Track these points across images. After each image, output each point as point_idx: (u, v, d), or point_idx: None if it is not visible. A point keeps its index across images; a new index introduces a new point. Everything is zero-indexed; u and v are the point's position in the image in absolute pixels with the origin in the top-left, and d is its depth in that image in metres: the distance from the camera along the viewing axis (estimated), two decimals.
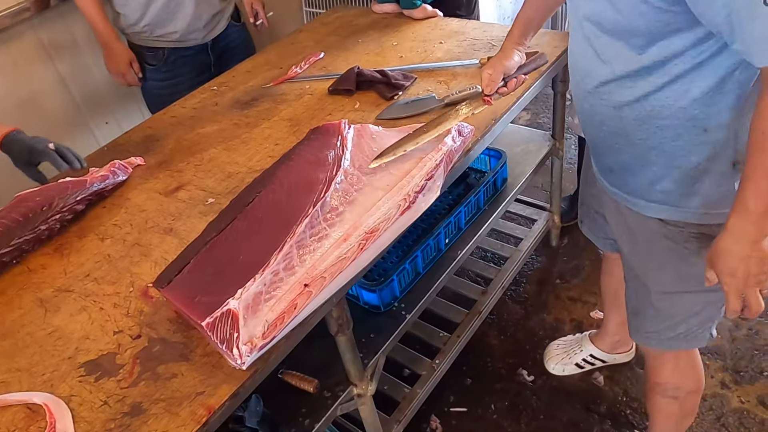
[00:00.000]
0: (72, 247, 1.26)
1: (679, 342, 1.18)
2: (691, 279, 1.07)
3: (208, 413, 0.88)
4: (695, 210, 1.01)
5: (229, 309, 0.90)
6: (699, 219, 1.02)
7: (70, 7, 1.96)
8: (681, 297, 1.12)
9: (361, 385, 1.28)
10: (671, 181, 1.01)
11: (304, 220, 1.02)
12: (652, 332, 1.20)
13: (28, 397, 0.94)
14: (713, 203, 1.00)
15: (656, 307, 1.16)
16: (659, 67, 0.91)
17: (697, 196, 0.99)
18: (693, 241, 1.05)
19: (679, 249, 1.06)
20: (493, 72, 1.17)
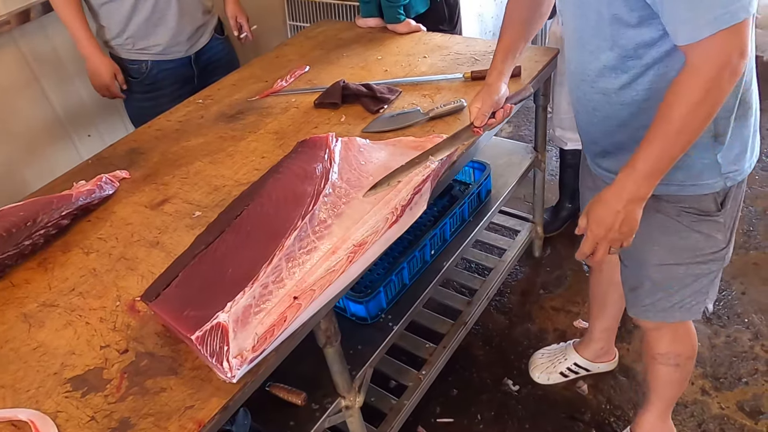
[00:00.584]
0: (56, 261, 1.25)
1: (674, 312, 1.25)
2: (684, 251, 1.16)
3: (197, 427, 0.88)
4: (680, 183, 1.07)
5: (219, 322, 0.91)
6: (683, 191, 1.08)
7: (52, 19, 1.96)
8: (676, 269, 1.18)
9: (349, 397, 1.28)
10: None
11: (292, 233, 1.02)
12: (648, 304, 1.26)
13: (12, 414, 0.93)
14: (696, 175, 1.06)
15: (652, 279, 1.22)
16: (636, 57, 0.98)
17: (681, 169, 1.04)
18: (684, 216, 1.12)
19: (672, 223, 1.13)
20: (483, 106, 1.20)
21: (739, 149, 1.06)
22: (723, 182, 1.07)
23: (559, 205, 2.29)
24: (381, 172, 1.19)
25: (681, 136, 0.92)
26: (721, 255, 1.17)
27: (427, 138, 1.29)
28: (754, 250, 2.10)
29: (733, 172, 1.07)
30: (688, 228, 1.12)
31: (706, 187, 1.07)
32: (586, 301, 2.00)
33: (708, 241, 1.14)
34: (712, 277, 1.20)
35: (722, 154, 1.04)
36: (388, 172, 1.18)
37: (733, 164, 1.06)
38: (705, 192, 1.07)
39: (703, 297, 1.22)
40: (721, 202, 1.10)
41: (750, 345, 1.78)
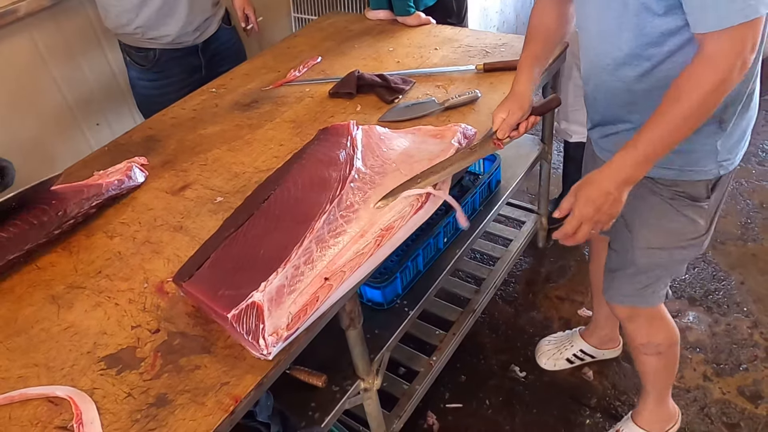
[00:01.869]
0: (80, 245, 1.26)
1: (645, 298, 1.30)
2: (670, 234, 1.20)
3: (234, 402, 0.90)
4: (679, 168, 1.10)
5: (254, 301, 0.93)
6: (681, 176, 1.11)
7: (64, 8, 1.96)
8: (659, 253, 1.22)
9: (368, 380, 1.31)
10: None
11: (322, 216, 1.05)
12: (629, 292, 1.30)
13: (50, 390, 0.95)
14: (694, 161, 1.09)
15: (637, 264, 1.25)
16: (658, 44, 1.00)
17: (681, 154, 1.07)
18: (678, 199, 1.15)
19: (665, 206, 1.16)
20: (509, 118, 1.17)
21: (737, 138, 1.10)
22: (717, 170, 1.10)
23: (562, 197, 2.33)
24: (404, 159, 1.21)
25: (687, 122, 0.94)
26: (700, 241, 1.20)
27: (447, 127, 1.32)
28: (752, 242, 2.15)
29: (727, 161, 1.10)
30: (677, 212, 1.16)
31: (702, 173, 1.10)
32: (590, 290, 2.04)
33: (691, 226, 1.17)
34: (684, 261, 1.27)
35: (722, 142, 1.07)
36: (411, 159, 1.21)
37: (728, 152, 1.10)
38: (701, 178, 1.11)
39: (668, 280, 1.29)
40: (711, 189, 1.13)
41: (749, 332, 1.84)
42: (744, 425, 1.61)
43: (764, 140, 2.63)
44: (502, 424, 1.71)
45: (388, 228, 1.06)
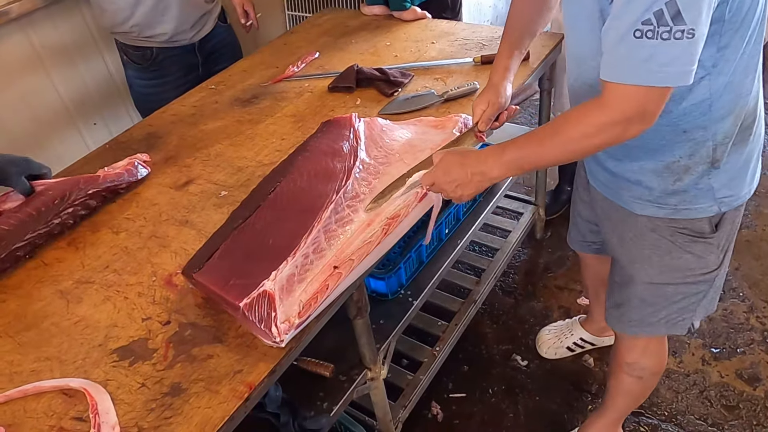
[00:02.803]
0: (86, 240, 1.27)
1: (659, 327, 1.24)
2: (676, 271, 1.15)
3: (248, 389, 0.91)
4: (674, 207, 1.07)
5: (265, 290, 0.94)
6: (677, 214, 1.08)
7: (60, 7, 1.96)
8: (665, 287, 1.18)
9: (375, 369, 1.32)
10: (657, 180, 1.05)
11: (329, 206, 1.07)
12: (635, 320, 1.25)
13: (64, 383, 0.96)
14: (689, 199, 1.05)
15: (640, 296, 1.21)
16: None
17: (675, 194, 1.05)
18: (678, 236, 1.10)
19: (666, 243, 1.12)
20: (488, 109, 1.18)
21: (734, 174, 1.04)
22: (717, 207, 1.05)
23: (558, 189, 2.36)
24: (407, 150, 1.23)
25: (559, 155, 0.93)
26: (711, 276, 1.15)
27: (447, 117, 1.33)
28: (746, 229, 2.19)
29: (729, 197, 1.05)
30: (680, 248, 1.11)
31: (699, 211, 1.06)
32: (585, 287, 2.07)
33: (699, 262, 1.13)
34: (701, 296, 1.18)
35: (716, 179, 1.03)
36: (414, 149, 1.23)
37: (727, 189, 1.04)
38: (699, 216, 1.07)
39: (690, 314, 1.21)
40: (716, 225, 1.09)
41: (746, 317, 1.87)
42: (743, 407, 1.64)
43: None
44: (505, 412, 1.73)
45: (394, 216, 1.08)
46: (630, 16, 0.78)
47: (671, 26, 0.76)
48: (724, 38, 0.87)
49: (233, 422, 0.89)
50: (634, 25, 0.78)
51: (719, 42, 0.87)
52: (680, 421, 1.63)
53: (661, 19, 0.76)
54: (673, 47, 0.78)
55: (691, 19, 0.76)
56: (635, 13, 0.78)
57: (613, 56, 0.83)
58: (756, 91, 1.00)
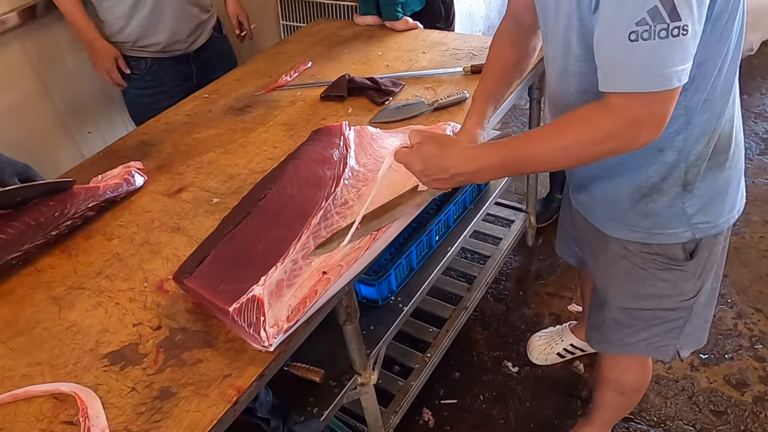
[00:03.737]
0: (79, 247, 1.28)
1: (640, 348, 1.22)
2: (650, 298, 1.13)
3: (237, 393, 0.92)
4: (647, 230, 1.05)
5: (254, 295, 0.96)
6: (650, 239, 1.06)
7: (56, 17, 1.98)
8: (640, 312, 1.17)
9: (365, 374, 1.34)
10: (630, 200, 1.04)
11: (318, 213, 1.08)
12: (614, 340, 1.24)
13: (55, 387, 0.97)
14: (662, 223, 1.04)
15: (616, 319, 1.21)
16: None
17: (650, 216, 1.04)
18: (651, 264, 1.09)
19: (638, 270, 1.11)
20: None
21: (710, 199, 1.01)
22: (691, 233, 1.03)
23: (549, 197, 2.38)
24: None
25: (560, 155, 0.87)
26: (689, 304, 1.13)
27: (436, 125, 1.36)
28: (734, 236, 2.21)
29: (704, 224, 1.03)
30: (654, 276, 1.10)
31: (672, 236, 1.04)
32: (579, 286, 2.09)
33: (675, 290, 1.11)
34: (681, 322, 1.15)
35: (690, 204, 1.01)
36: None
37: (702, 214, 1.02)
38: (672, 241, 1.04)
39: (672, 340, 1.18)
40: (690, 252, 1.06)
41: (734, 323, 1.89)
42: (731, 412, 1.65)
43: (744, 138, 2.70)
44: (496, 418, 1.74)
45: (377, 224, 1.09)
46: (623, 19, 0.76)
47: (668, 23, 0.73)
48: (703, 53, 0.85)
49: (222, 425, 0.90)
50: (629, 28, 0.75)
51: (698, 56, 0.84)
52: (669, 426, 1.64)
53: (657, 16, 0.73)
54: (671, 46, 0.75)
55: (686, 14, 0.74)
56: (628, 15, 0.75)
57: (610, 64, 0.80)
58: (731, 114, 0.99)
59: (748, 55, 3.21)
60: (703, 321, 1.20)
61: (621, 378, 1.37)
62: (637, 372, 1.36)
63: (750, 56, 3.21)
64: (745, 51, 3.19)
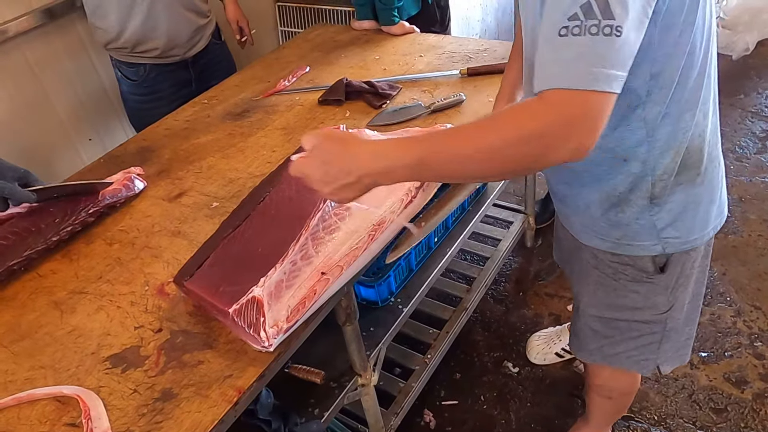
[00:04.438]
0: (80, 252, 1.29)
1: (620, 361, 1.22)
2: (623, 309, 1.13)
3: (238, 393, 0.93)
4: (616, 240, 1.05)
5: (254, 296, 0.97)
6: (618, 249, 1.06)
7: (55, 26, 2.00)
8: (616, 322, 1.17)
9: (365, 375, 1.34)
10: (600, 208, 1.03)
11: (316, 215, 1.09)
12: (593, 349, 1.25)
13: (57, 390, 0.98)
14: (632, 235, 1.03)
15: (592, 328, 1.21)
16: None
17: (619, 227, 1.03)
18: (621, 275, 1.09)
19: (609, 281, 1.11)
20: None
21: (679, 214, 0.99)
22: (661, 247, 1.02)
23: (547, 198, 2.39)
24: None
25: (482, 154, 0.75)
26: (662, 318, 1.12)
27: (433, 128, 1.37)
28: (732, 235, 2.22)
29: (674, 239, 1.01)
30: (624, 287, 1.10)
31: (641, 248, 1.03)
32: None
33: (647, 302, 1.10)
34: (658, 337, 1.14)
35: (658, 217, 0.99)
36: None
37: (672, 229, 1.00)
38: (641, 253, 1.04)
39: (651, 354, 1.18)
40: (661, 267, 1.05)
41: (733, 321, 1.90)
42: (731, 409, 1.66)
43: (741, 137, 2.72)
44: (497, 418, 1.74)
45: (380, 223, 1.11)
46: (557, 14, 0.72)
47: (599, 20, 0.69)
48: (657, 65, 0.84)
49: (223, 425, 0.91)
50: (561, 23, 0.71)
51: (651, 68, 0.84)
52: (669, 424, 1.65)
53: (589, 12, 0.70)
54: (601, 44, 0.70)
55: (620, 14, 0.69)
56: (562, 10, 0.71)
57: (541, 62, 0.74)
58: (701, 129, 0.95)
59: (743, 55, 3.23)
60: (685, 338, 1.20)
61: (606, 384, 1.37)
62: (623, 379, 1.36)
63: (746, 56, 3.23)
64: (740, 51, 3.21)
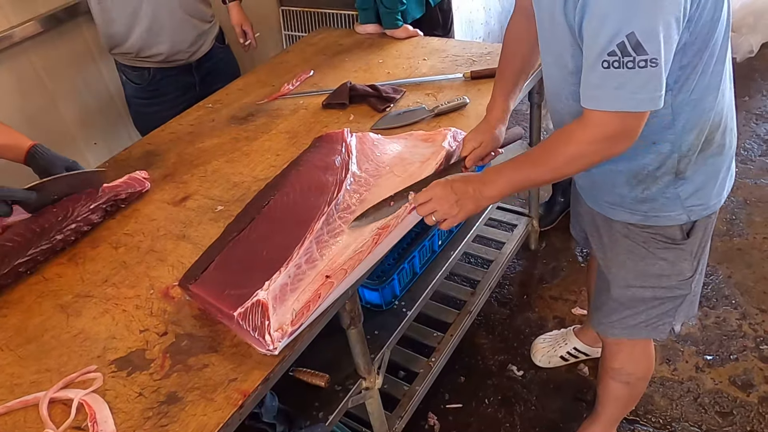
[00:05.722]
0: (86, 256, 1.30)
1: (639, 330, 1.26)
2: (650, 276, 1.18)
3: (242, 397, 0.94)
4: (645, 213, 1.11)
5: (259, 299, 0.97)
6: (648, 221, 1.12)
7: (61, 31, 2.01)
8: (642, 291, 1.21)
9: (369, 379, 1.34)
10: (627, 186, 1.10)
11: (320, 218, 1.10)
12: (615, 321, 1.28)
13: (63, 394, 0.98)
14: (659, 207, 1.10)
15: (618, 300, 1.25)
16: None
17: (645, 201, 1.10)
18: (651, 242, 1.15)
19: (639, 249, 1.16)
20: (480, 149, 1.23)
21: (701, 184, 1.07)
22: (686, 215, 1.09)
23: (552, 200, 2.39)
24: (397, 162, 1.27)
25: (550, 175, 1.01)
26: (687, 283, 1.18)
27: (437, 131, 1.37)
28: (738, 237, 2.21)
29: (697, 206, 1.09)
30: (653, 255, 1.15)
31: (668, 219, 1.10)
32: (582, 289, 2.09)
33: (674, 269, 1.16)
34: (679, 301, 1.21)
35: (683, 189, 1.07)
36: (404, 162, 1.26)
37: (695, 198, 1.08)
38: (669, 224, 1.11)
39: (669, 318, 1.24)
40: (687, 232, 1.12)
41: (738, 324, 1.89)
42: (737, 413, 1.65)
43: (746, 139, 2.71)
44: (501, 422, 1.74)
45: (385, 227, 1.11)
46: (597, 48, 0.86)
47: (634, 56, 0.83)
48: (686, 58, 0.93)
49: (228, 429, 0.91)
50: (602, 56, 0.85)
51: (681, 61, 0.93)
52: (675, 428, 1.64)
53: (625, 50, 0.83)
54: (638, 76, 0.84)
55: (652, 49, 0.83)
56: (600, 46, 0.85)
57: (588, 84, 0.91)
58: (721, 107, 1.03)
59: (748, 57, 3.22)
60: (696, 295, 1.25)
61: (625, 367, 1.38)
62: (642, 359, 1.38)
63: (750, 58, 3.22)
64: (745, 53, 3.20)
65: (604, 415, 1.51)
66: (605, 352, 1.41)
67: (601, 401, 1.50)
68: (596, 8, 0.84)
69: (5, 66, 1.92)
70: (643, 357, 1.37)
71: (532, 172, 1.02)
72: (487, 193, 1.05)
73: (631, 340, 1.32)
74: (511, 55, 1.25)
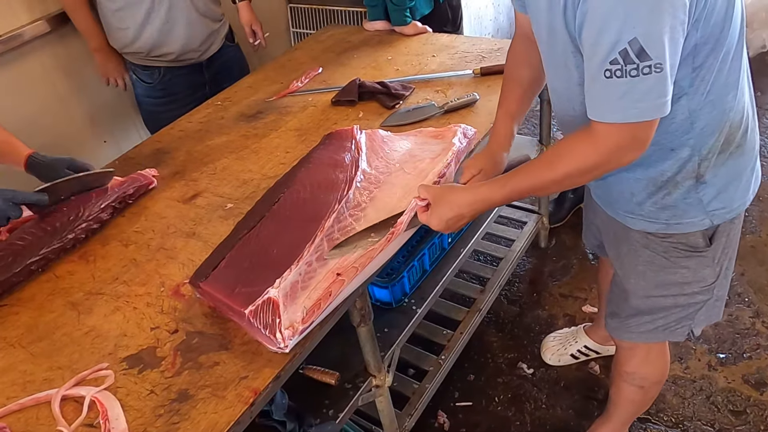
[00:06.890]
0: (96, 254, 1.30)
1: (657, 335, 1.24)
2: (671, 285, 1.15)
3: (253, 395, 0.93)
4: (666, 221, 1.08)
5: (270, 297, 0.97)
6: (669, 229, 1.08)
7: (71, 30, 2.02)
8: (662, 300, 1.19)
9: (379, 377, 1.34)
10: (646, 193, 1.07)
11: (331, 216, 1.09)
12: (632, 326, 1.25)
13: (74, 391, 0.98)
14: (680, 214, 1.06)
15: (637, 308, 1.22)
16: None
17: (667, 209, 1.06)
18: (672, 251, 1.11)
19: (659, 259, 1.13)
20: (481, 177, 1.17)
21: (723, 187, 1.04)
22: (709, 220, 1.05)
23: (561, 197, 2.38)
24: (407, 159, 1.26)
25: (555, 186, 0.98)
26: (709, 290, 1.15)
27: (447, 128, 1.36)
28: (750, 234, 2.19)
29: (720, 210, 1.05)
30: (674, 264, 1.12)
31: (691, 225, 1.06)
32: (593, 287, 2.08)
33: (695, 276, 1.13)
34: (699, 306, 1.18)
35: (705, 193, 1.03)
36: (414, 159, 1.26)
37: (718, 202, 1.04)
38: (691, 230, 1.07)
39: (689, 321, 1.21)
40: (710, 238, 1.08)
41: (751, 322, 1.87)
42: (750, 412, 1.63)
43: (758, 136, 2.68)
44: (511, 420, 1.73)
45: (397, 225, 1.10)
46: (598, 57, 0.82)
47: (638, 63, 0.79)
48: (699, 59, 0.89)
49: (239, 426, 0.91)
50: (603, 65, 0.82)
51: (693, 62, 0.89)
52: (687, 427, 1.62)
53: (627, 57, 0.79)
54: (642, 83, 0.80)
55: (656, 54, 0.79)
56: (602, 54, 0.81)
57: (591, 96, 0.88)
58: (741, 106, 1.00)
59: (760, 52, 3.18)
60: (720, 299, 1.21)
61: (639, 371, 1.36)
62: (657, 363, 1.36)
63: (763, 53, 3.19)
64: (757, 48, 3.17)
65: (616, 415, 1.50)
66: (619, 355, 1.39)
67: (614, 402, 1.49)
68: (596, 14, 0.81)
69: (16, 65, 1.92)
70: (658, 361, 1.34)
71: (537, 185, 0.99)
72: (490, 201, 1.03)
73: (647, 344, 1.29)
74: (512, 80, 1.21)
